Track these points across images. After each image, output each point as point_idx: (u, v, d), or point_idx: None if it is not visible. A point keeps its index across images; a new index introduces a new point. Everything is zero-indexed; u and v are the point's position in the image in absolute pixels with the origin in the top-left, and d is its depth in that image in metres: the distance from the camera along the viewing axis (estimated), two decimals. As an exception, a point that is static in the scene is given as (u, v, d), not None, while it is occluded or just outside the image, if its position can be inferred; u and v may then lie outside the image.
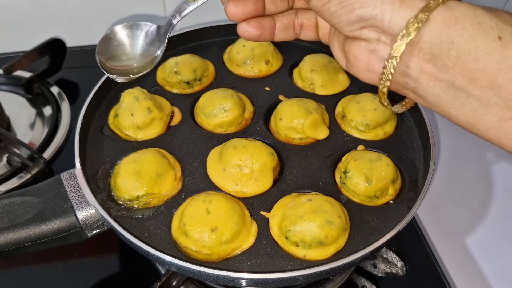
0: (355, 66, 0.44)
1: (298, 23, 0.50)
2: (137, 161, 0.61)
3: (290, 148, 0.68)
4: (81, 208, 0.58)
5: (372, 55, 0.42)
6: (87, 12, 1.05)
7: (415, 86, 0.41)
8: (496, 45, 0.36)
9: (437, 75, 0.39)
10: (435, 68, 0.38)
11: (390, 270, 0.66)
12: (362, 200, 0.62)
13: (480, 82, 0.37)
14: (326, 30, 0.50)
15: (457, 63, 0.37)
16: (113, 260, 0.73)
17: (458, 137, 0.97)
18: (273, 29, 0.49)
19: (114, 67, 0.53)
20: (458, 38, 0.37)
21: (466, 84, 0.38)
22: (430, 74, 0.39)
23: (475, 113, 0.39)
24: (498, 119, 0.38)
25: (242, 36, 0.48)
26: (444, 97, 0.39)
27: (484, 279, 0.75)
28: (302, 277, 0.53)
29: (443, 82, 0.39)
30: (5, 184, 0.79)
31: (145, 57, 0.53)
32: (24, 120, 0.91)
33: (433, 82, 0.39)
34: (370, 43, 0.41)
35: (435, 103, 0.41)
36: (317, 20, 0.50)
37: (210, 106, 0.70)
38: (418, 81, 0.40)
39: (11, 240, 0.56)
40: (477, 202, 0.86)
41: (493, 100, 0.37)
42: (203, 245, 0.55)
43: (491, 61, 0.37)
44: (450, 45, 0.37)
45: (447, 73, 0.38)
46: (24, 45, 1.00)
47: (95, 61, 0.52)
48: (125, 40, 0.53)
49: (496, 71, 0.36)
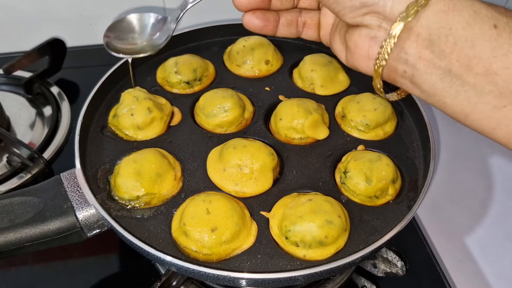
0: (355, 54, 0.45)
1: (301, 21, 0.52)
2: (137, 161, 0.61)
3: (290, 148, 0.68)
4: (81, 208, 0.58)
5: (372, 41, 0.43)
6: (87, 12, 1.05)
7: (412, 73, 0.41)
8: (492, 33, 0.38)
9: (434, 62, 0.40)
10: (432, 55, 0.39)
11: (390, 270, 0.66)
12: (362, 200, 0.62)
13: (475, 69, 0.38)
14: (327, 29, 0.51)
15: (454, 49, 0.38)
16: (113, 260, 0.73)
17: (458, 137, 0.97)
18: (277, 23, 0.51)
19: (121, 47, 0.58)
20: (455, 24, 0.38)
21: (462, 71, 0.39)
22: (427, 60, 0.40)
23: (469, 101, 0.40)
24: (492, 108, 0.39)
25: (246, 26, 0.49)
26: (440, 85, 0.40)
27: (484, 279, 0.75)
28: (302, 277, 0.53)
29: (440, 69, 0.40)
30: (5, 184, 0.79)
31: (151, 41, 0.58)
32: (24, 120, 0.91)
33: (430, 69, 0.40)
34: (371, 29, 0.42)
35: (431, 92, 0.41)
36: (319, 20, 0.51)
37: (210, 106, 0.70)
38: (416, 68, 0.41)
39: (11, 240, 0.56)
40: (477, 202, 0.86)
41: (487, 88, 0.38)
42: (203, 245, 0.55)
43: (487, 48, 0.38)
44: (448, 31, 0.38)
45: (444, 60, 0.39)
46: (24, 45, 1.00)
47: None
48: (136, 24, 0.59)
49: (491, 58, 0.38)
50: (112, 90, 0.76)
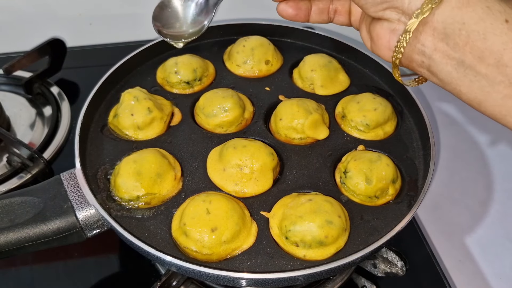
0: (378, 44, 0.49)
1: (332, 8, 0.56)
2: (137, 161, 0.61)
3: (290, 148, 0.68)
4: (81, 208, 0.58)
5: (392, 34, 0.47)
6: (87, 12, 1.05)
7: (429, 63, 0.45)
8: (503, 27, 0.40)
9: (449, 53, 0.43)
10: (447, 47, 0.43)
11: (390, 270, 0.66)
12: (362, 200, 0.62)
13: (487, 61, 0.41)
14: (357, 16, 0.55)
15: (467, 42, 0.41)
16: (113, 260, 0.73)
17: (458, 137, 0.97)
18: (309, 11, 0.55)
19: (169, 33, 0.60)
20: (468, 19, 0.41)
21: (475, 62, 0.42)
22: (442, 52, 0.43)
23: (482, 90, 0.43)
24: (503, 96, 0.42)
25: (280, 15, 0.54)
26: (455, 75, 0.43)
27: (484, 279, 0.75)
28: (302, 277, 0.53)
29: (454, 60, 0.43)
30: (5, 184, 0.78)
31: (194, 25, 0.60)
32: (24, 120, 0.91)
33: (445, 60, 0.43)
34: (391, 23, 0.47)
35: (447, 81, 0.45)
36: (350, 7, 0.55)
37: (210, 106, 0.70)
38: (432, 58, 0.44)
39: (11, 240, 0.56)
40: (477, 202, 0.86)
41: (498, 78, 0.41)
42: (203, 245, 0.55)
43: (498, 41, 0.40)
44: (461, 26, 0.41)
45: (458, 52, 0.42)
46: (24, 45, 1.00)
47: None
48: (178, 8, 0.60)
49: (502, 51, 0.40)
50: (112, 90, 0.76)
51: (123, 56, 0.78)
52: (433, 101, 1.01)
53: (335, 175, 0.65)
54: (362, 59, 0.82)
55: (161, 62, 0.80)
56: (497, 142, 0.97)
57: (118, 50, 0.88)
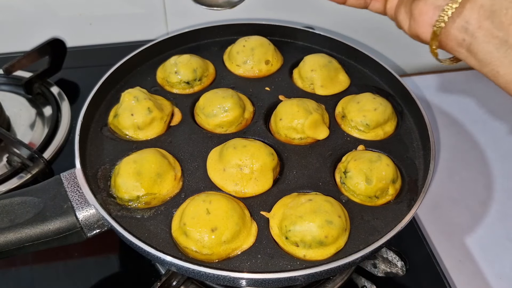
0: (419, 21, 0.49)
1: None
2: (137, 161, 0.61)
3: (290, 148, 0.68)
4: (81, 208, 0.58)
5: (437, 10, 0.46)
6: (87, 12, 1.05)
7: (470, 42, 0.45)
8: None
9: (492, 32, 0.43)
10: (492, 25, 0.43)
11: (390, 270, 0.66)
12: (362, 200, 0.62)
13: None
14: (394, 2, 0.55)
15: None
16: (113, 260, 0.73)
17: (458, 137, 0.97)
18: None
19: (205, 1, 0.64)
20: None
21: None
22: (486, 30, 0.43)
23: None
24: None
25: None
26: (496, 54, 0.43)
27: (484, 279, 0.75)
28: (302, 277, 0.53)
29: (497, 39, 0.43)
30: (5, 184, 0.78)
31: None
32: (24, 120, 0.91)
33: (488, 39, 0.43)
34: None
35: (486, 61, 0.44)
36: None
37: (210, 106, 0.70)
38: (475, 36, 0.44)
39: (11, 240, 0.56)
40: (477, 202, 0.86)
41: None
42: (203, 245, 0.55)
43: None
44: (508, 4, 0.42)
45: (502, 31, 0.42)
46: (24, 45, 1.00)
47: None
48: None
49: None
50: (112, 90, 0.76)
51: (123, 56, 0.78)
52: (433, 101, 1.01)
53: (335, 175, 0.66)
54: (362, 59, 0.82)
55: (161, 62, 0.80)
56: (497, 142, 0.96)
57: (118, 50, 0.88)
